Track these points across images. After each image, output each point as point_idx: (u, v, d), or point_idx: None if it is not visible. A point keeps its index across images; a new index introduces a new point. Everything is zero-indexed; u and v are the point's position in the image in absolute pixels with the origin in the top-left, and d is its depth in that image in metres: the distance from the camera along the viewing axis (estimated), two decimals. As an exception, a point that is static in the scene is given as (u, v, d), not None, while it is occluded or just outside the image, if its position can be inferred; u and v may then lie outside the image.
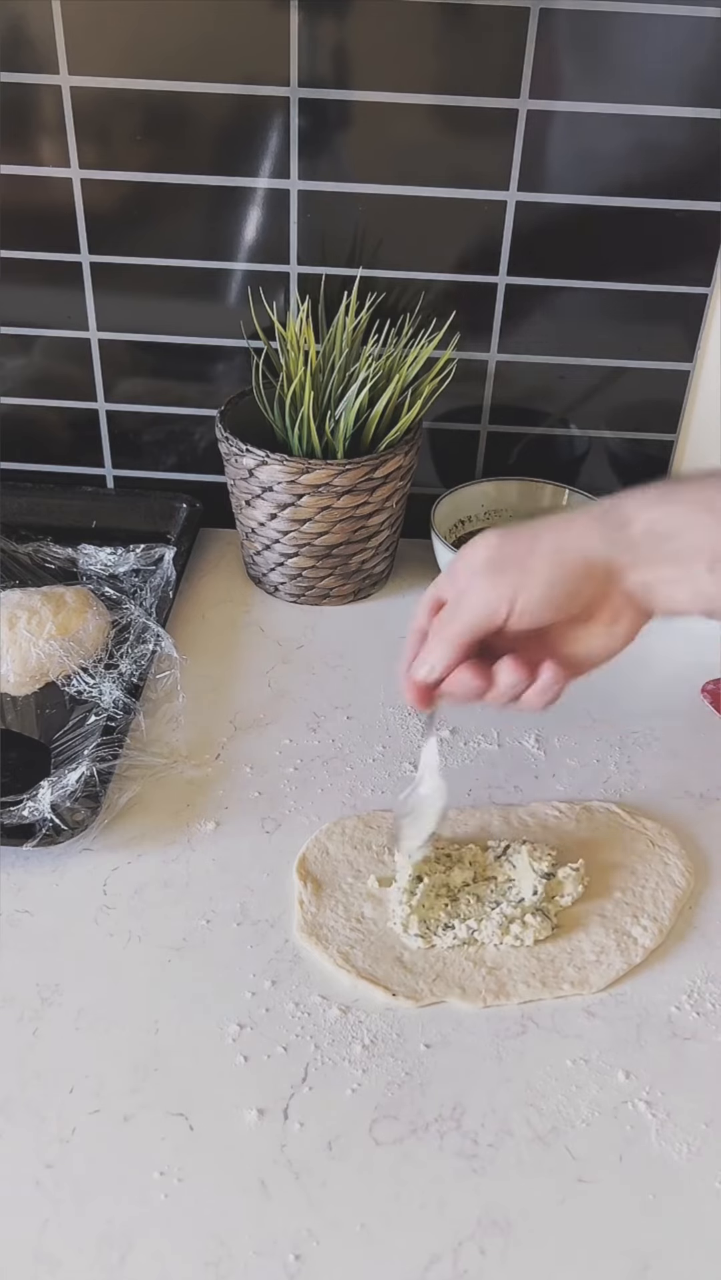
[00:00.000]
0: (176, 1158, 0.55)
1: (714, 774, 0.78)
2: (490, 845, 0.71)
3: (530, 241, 0.89)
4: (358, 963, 0.64)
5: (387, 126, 0.84)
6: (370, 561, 0.92)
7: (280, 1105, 0.57)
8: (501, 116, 0.83)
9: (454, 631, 0.60)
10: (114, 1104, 0.57)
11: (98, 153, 0.86)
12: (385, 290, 0.91)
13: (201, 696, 0.82)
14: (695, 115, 0.82)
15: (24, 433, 1.00)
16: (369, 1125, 0.56)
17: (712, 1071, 0.59)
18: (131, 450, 1.01)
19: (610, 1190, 0.54)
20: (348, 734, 0.80)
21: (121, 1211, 0.53)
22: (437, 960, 0.64)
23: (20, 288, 0.93)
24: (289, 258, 0.90)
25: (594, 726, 0.81)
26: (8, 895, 0.67)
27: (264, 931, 0.66)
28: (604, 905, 0.68)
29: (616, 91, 0.82)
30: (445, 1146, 0.56)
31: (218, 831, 0.72)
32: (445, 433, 0.98)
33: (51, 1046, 0.59)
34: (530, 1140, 0.56)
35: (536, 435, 0.99)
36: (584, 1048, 0.60)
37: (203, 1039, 0.60)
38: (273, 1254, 0.51)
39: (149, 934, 0.66)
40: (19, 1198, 0.53)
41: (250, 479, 0.86)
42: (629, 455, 0.99)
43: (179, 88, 0.83)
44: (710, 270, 0.89)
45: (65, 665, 0.82)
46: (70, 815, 0.70)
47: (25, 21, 0.81)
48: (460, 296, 0.91)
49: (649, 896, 0.68)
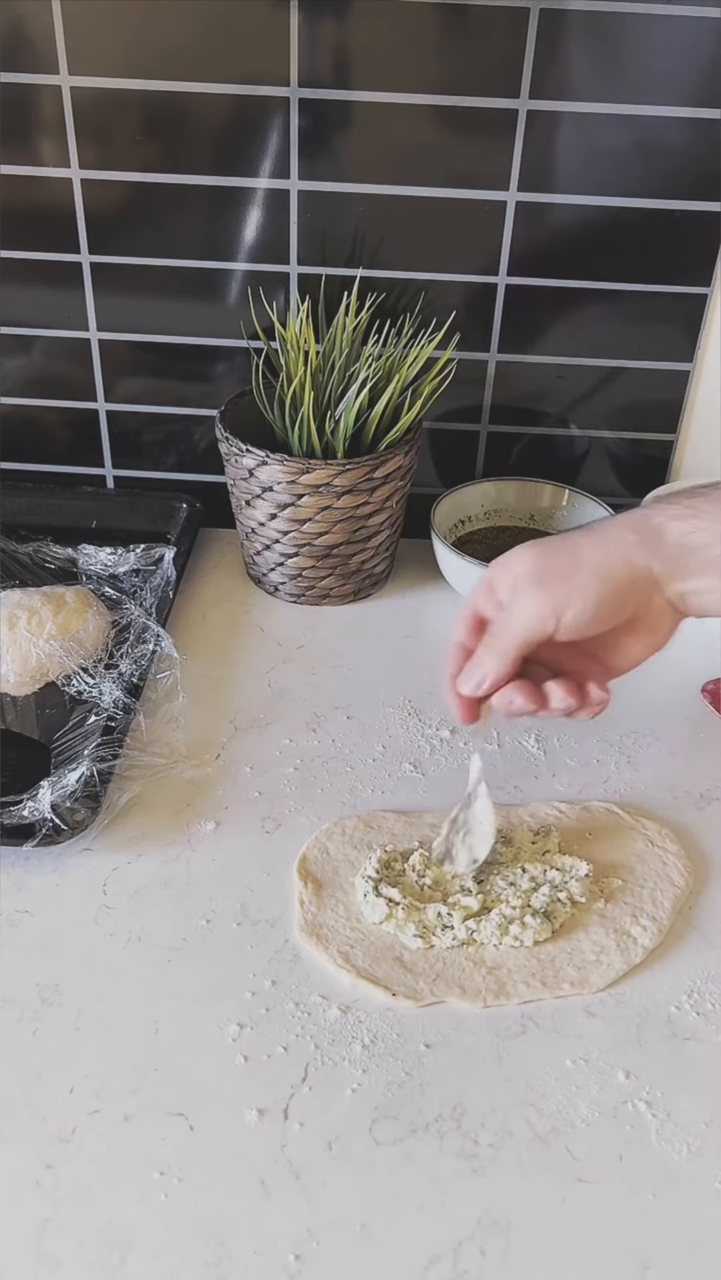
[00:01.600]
0: (176, 1158, 0.55)
1: (714, 774, 0.78)
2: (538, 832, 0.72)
3: (530, 241, 0.89)
4: (357, 962, 0.64)
5: (387, 126, 0.84)
6: (370, 561, 0.92)
7: (280, 1105, 0.57)
8: (501, 116, 0.83)
9: (505, 644, 0.61)
10: (114, 1104, 0.57)
11: (98, 153, 0.86)
12: (385, 290, 0.91)
13: (201, 696, 0.82)
14: (695, 116, 0.82)
15: (24, 433, 1.00)
16: (369, 1125, 0.56)
17: (712, 1071, 0.59)
18: (131, 450, 1.01)
19: (610, 1190, 0.54)
20: (347, 734, 0.80)
21: (121, 1211, 0.53)
22: (437, 960, 0.64)
23: (20, 288, 0.93)
24: (289, 258, 0.90)
25: (594, 726, 0.81)
26: (8, 895, 0.67)
27: (264, 931, 0.66)
28: (603, 905, 0.68)
29: (616, 91, 0.82)
30: (445, 1146, 0.56)
31: (218, 831, 0.72)
32: (445, 433, 0.98)
33: (51, 1046, 0.59)
34: (530, 1140, 0.56)
35: (536, 435, 0.99)
36: (584, 1048, 0.60)
37: (203, 1039, 0.60)
38: (273, 1254, 0.51)
39: (149, 934, 0.66)
40: (19, 1198, 0.53)
41: (250, 479, 0.86)
42: (629, 455, 0.99)
43: (179, 88, 0.83)
44: (710, 270, 0.89)
45: (65, 665, 0.82)
46: (70, 815, 0.70)
47: (25, 21, 0.81)
48: (460, 296, 0.91)
49: (647, 896, 0.68)
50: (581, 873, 0.69)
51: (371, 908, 0.66)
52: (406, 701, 0.83)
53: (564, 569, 0.60)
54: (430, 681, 0.85)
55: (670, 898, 0.68)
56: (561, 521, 0.98)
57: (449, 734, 0.80)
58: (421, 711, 0.82)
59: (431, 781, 0.77)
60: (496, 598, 0.63)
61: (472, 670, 0.63)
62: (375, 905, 0.66)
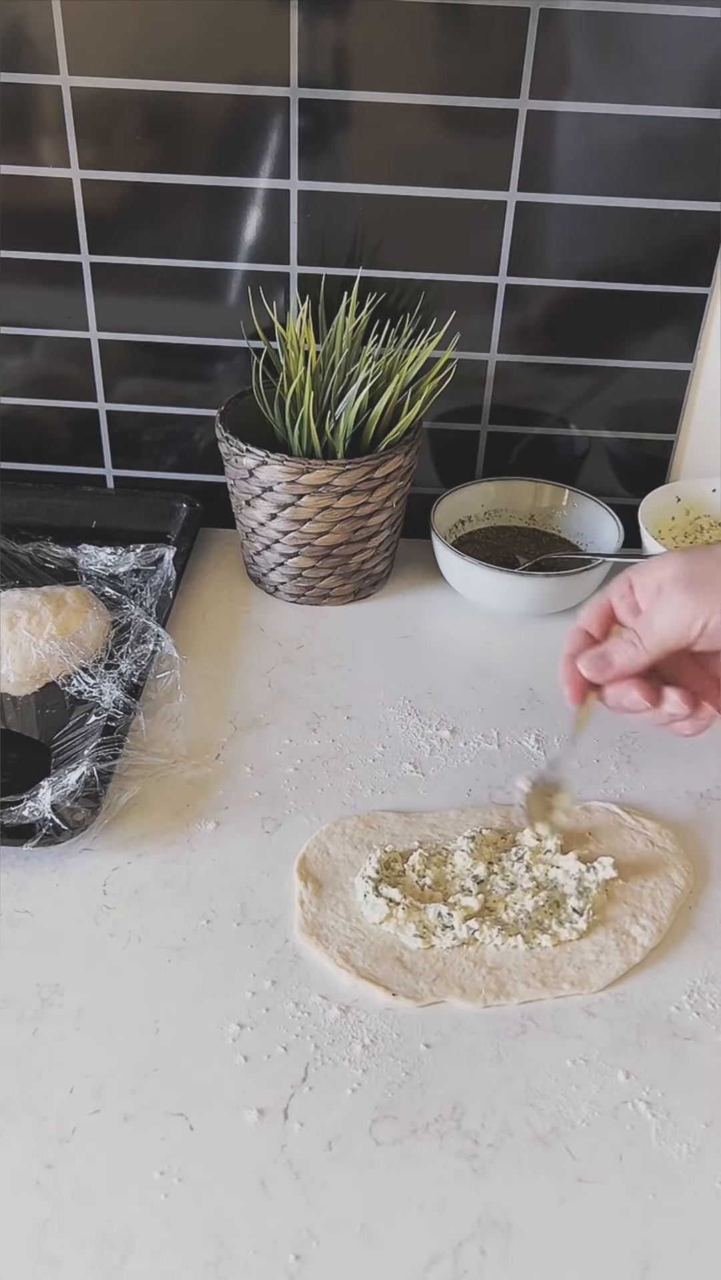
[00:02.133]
0: (176, 1158, 0.55)
1: (714, 774, 0.78)
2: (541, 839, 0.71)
3: (530, 241, 0.89)
4: (357, 962, 0.64)
5: (387, 126, 0.84)
6: (370, 561, 0.92)
7: (280, 1105, 0.57)
8: (501, 116, 0.83)
9: (649, 643, 0.63)
10: (114, 1104, 0.57)
11: (98, 153, 0.86)
12: (385, 290, 0.91)
13: (201, 696, 0.82)
14: (695, 116, 0.82)
15: (24, 433, 1.00)
16: (369, 1125, 0.57)
17: (712, 1071, 0.59)
18: (131, 450, 1.01)
19: (610, 1190, 0.54)
20: (348, 734, 0.80)
21: (121, 1211, 0.53)
22: (437, 960, 0.64)
23: (20, 288, 0.93)
24: (289, 258, 0.90)
25: (594, 726, 0.81)
26: (8, 895, 0.67)
27: (264, 931, 0.66)
28: (603, 905, 0.68)
29: (617, 91, 0.82)
30: (445, 1146, 0.56)
31: (218, 831, 0.72)
32: (445, 433, 0.98)
33: (51, 1046, 0.59)
34: (530, 1140, 0.56)
35: (536, 435, 0.99)
36: (584, 1048, 0.60)
37: (203, 1039, 0.60)
38: (273, 1254, 0.51)
39: (149, 934, 0.66)
40: (19, 1198, 0.53)
41: (250, 479, 0.86)
42: (629, 455, 0.99)
43: (179, 88, 0.83)
44: (710, 270, 0.89)
45: (65, 665, 0.82)
46: (70, 815, 0.70)
47: (25, 21, 0.81)
48: (460, 297, 0.91)
49: (647, 896, 0.68)
50: (609, 874, 0.69)
51: (371, 908, 0.66)
52: (406, 701, 0.83)
53: (714, 576, 0.60)
54: (430, 681, 0.85)
55: (670, 898, 0.68)
56: (561, 521, 0.98)
57: (449, 734, 0.80)
58: (421, 711, 0.82)
59: (431, 781, 0.77)
60: (632, 600, 0.63)
61: (601, 657, 0.64)
62: (375, 905, 0.66)
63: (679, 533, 0.97)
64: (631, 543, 0.93)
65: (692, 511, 0.98)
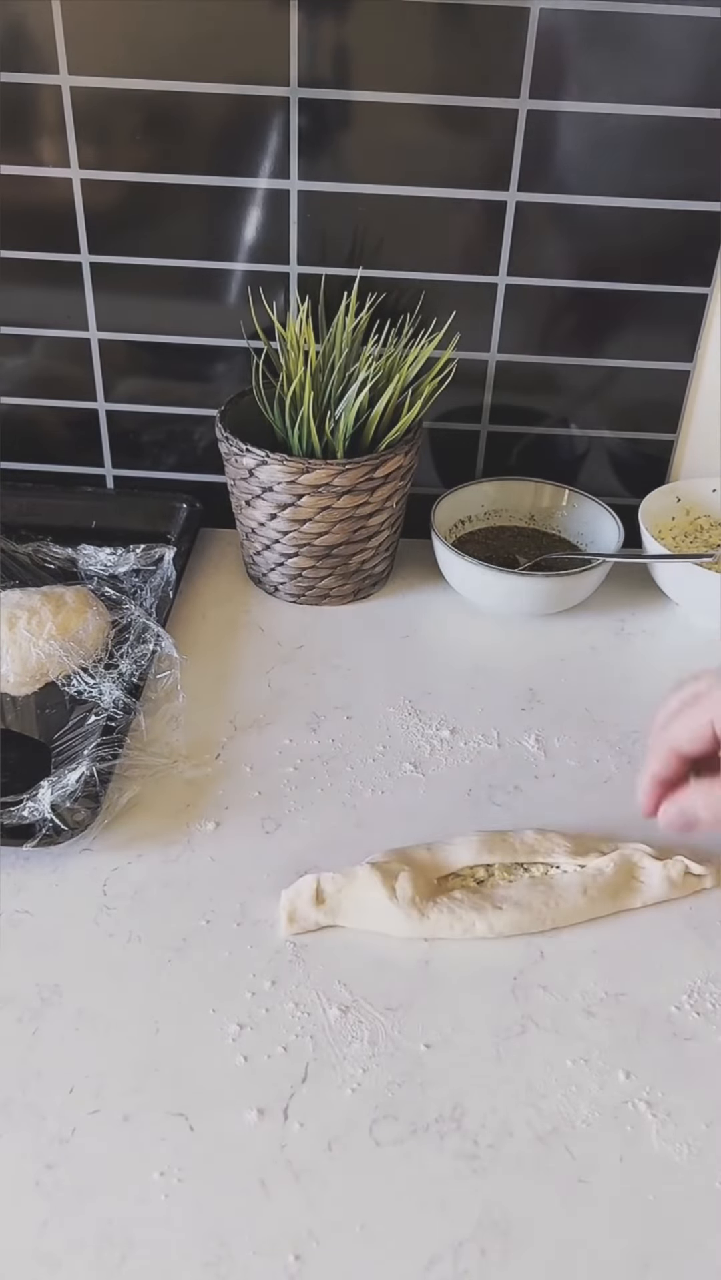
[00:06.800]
0: (176, 1158, 0.55)
1: (714, 774, 0.78)
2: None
3: (530, 241, 0.89)
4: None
5: (387, 126, 0.84)
6: (370, 561, 0.92)
7: (280, 1105, 0.57)
8: (501, 116, 0.83)
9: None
10: (114, 1104, 0.57)
11: (98, 153, 0.86)
12: (385, 290, 0.91)
13: (201, 696, 0.82)
14: (695, 116, 0.82)
15: (24, 433, 1.00)
16: (369, 1125, 0.56)
17: (712, 1071, 0.59)
18: (131, 450, 1.01)
19: (610, 1190, 0.54)
20: (348, 734, 0.80)
21: (121, 1211, 0.53)
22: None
23: (20, 288, 0.93)
24: (289, 258, 0.90)
25: (594, 726, 0.81)
26: (8, 895, 0.67)
27: (264, 931, 0.66)
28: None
29: (616, 91, 0.82)
30: (445, 1147, 0.56)
31: (218, 831, 0.72)
32: (445, 433, 0.98)
33: (51, 1046, 0.59)
34: (530, 1140, 0.56)
35: (536, 435, 0.99)
36: (584, 1048, 0.60)
37: (203, 1039, 0.60)
38: (273, 1254, 0.51)
39: (149, 934, 0.66)
40: (19, 1198, 0.53)
41: (250, 479, 0.86)
42: (629, 455, 0.99)
43: (179, 88, 0.83)
44: (710, 270, 0.89)
45: (65, 665, 0.82)
46: (70, 815, 0.70)
47: (25, 21, 0.81)
48: (460, 296, 0.91)
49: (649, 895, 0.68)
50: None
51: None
52: (406, 701, 0.83)
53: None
54: (430, 681, 0.85)
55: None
56: (561, 521, 0.98)
57: (449, 734, 0.80)
58: (421, 711, 0.82)
59: (431, 781, 0.77)
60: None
61: (681, 812, 0.62)
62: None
63: (679, 533, 0.97)
64: (631, 543, 0.93)
65: (692, 511, 0.98)
